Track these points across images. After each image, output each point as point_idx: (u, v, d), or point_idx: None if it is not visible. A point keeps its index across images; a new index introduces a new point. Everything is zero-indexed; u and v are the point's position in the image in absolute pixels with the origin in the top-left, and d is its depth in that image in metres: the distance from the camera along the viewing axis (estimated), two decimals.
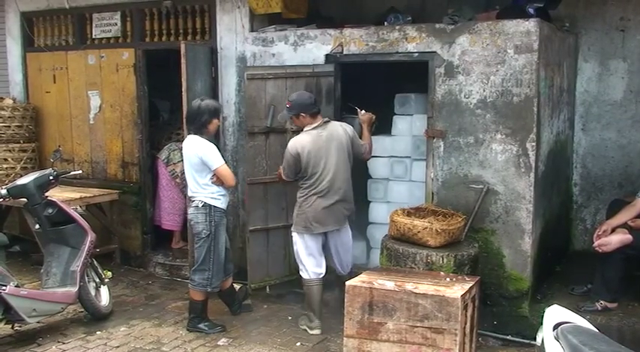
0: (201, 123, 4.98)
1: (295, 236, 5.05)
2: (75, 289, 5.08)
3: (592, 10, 5.93)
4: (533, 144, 4.91)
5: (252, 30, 6.10)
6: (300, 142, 4.96)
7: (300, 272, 5.10)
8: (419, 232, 4.70)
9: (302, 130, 5.05)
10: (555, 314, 3.13)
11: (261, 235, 5.59)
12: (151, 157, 7.06)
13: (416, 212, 5.05)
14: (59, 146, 7.26)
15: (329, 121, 5.05)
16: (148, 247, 6.99)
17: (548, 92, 5.23)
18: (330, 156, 4.93)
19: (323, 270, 5.08)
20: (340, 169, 4.97)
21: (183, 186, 6.82)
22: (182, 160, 6.80)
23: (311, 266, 5.03)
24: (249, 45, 6.04)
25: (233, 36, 6.15)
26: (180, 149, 6.87)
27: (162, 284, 6.42)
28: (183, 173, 6.80)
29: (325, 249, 5.13)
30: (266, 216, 5.57)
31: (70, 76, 7.28)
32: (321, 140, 4.94)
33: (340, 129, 5.03)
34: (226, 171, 4.98)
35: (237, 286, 5.85)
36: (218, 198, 5.01)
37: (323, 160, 4.92)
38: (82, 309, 5.37)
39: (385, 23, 5.60)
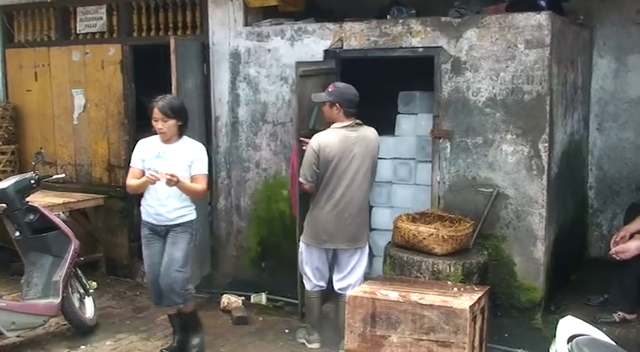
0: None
1: (302, 246, 4.97)
2: (57, 300, 5.06)
3: (607, 2, 5.94)
4: (546, 144, 4.91)
5: (246, 24, 6.11)
6: (323, 137, 4.72)
7: (304, 281, 5.09)
8: (424, 239, 4.70)
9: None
10: (570, 325, 3.13)
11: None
12: None
13: (421, 217, 5.05)
14: (41, 148, 7.24)
15: (361, 124, 4.80)
16: (135, 255, 6.93)
17: (562, 89, 5.23)
18: (353, 160, 4.71)
19: (325, 284, 5.05)
20: (361, 179, 4.74)
21: None
22: None
23: (314, 279, 4.98)
24: (242, 40, 6.04)
25: (226, 30, 6.15)
26: None
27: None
28: None
29: (332, 264, 5.00)
30: None
31: (52, 74, 7.28)
32: (348, 141, 4.71)
33: (372, 135, 4.82)
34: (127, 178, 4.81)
35: (234, 299, 5.85)
36: (141, 209, 4.86)
37: (344, 164, 4.69)
38: (65, 322, 5.36)
39: (388, 16, 5.61)
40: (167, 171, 4.45)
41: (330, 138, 4.73)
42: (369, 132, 4.84)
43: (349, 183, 4.73)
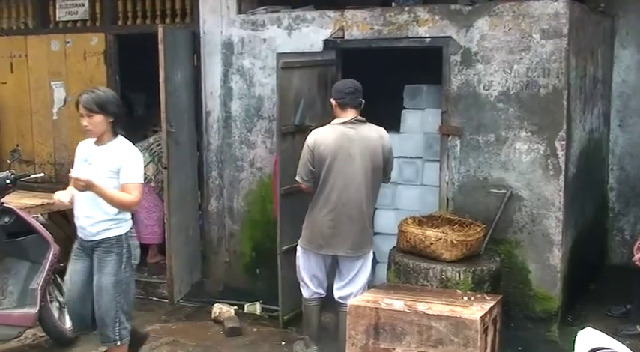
0: None
1: (299, 250, 4.94)
2: (35, 310, 5.05)
3: None
4: (563, 142, 4.91)
5: (239, 12, 6.10)
6: (320, 133, 4.71)
7: (301, 288, 5.08)
8: (432, 244, 4.69)
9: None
10: (589, 338, 3.12)
11: (290, 256, 5.40)
12: None
13: (428, 221, 5.05)
14: (17, 145, 7.24)
15: (364, 121, 4.72)
16: None
17: (580, 83, 5.23)
18: (350, 160, 4.64)
19: (324, 291, 5.02)
20: (360, 181, 4.66)
21: (159, 190, 6.82)
22: (152, 160, 6.84)
23: (312, 286, 4.96)
24: (236, 29, 6.04)
25: (218, 18, 6.15)
26: (148, 148, 6.91)
27: (136, 305, 6.28)
28: (156, 175, 6.83)
29: (333, 271, 4.97)
30: (293, 233, 5.35)
31: (30, 65, 7.26)
32: (345, 139, 4.64)
33: (374, 134, 4.72)
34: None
35: (226, 309, 5.84)
36: None
37: (340, 163, 4.63)
38: (43, 334, 5.34)
39: (393, 4, 5.61)
40: (76, 175, 4.11)
41: (327, 135, 4.70)
42: (372, 130, 4.74)
43: (346, 185, 4.65)
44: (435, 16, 5.24)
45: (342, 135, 4.67)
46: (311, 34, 5.71)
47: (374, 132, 4.75)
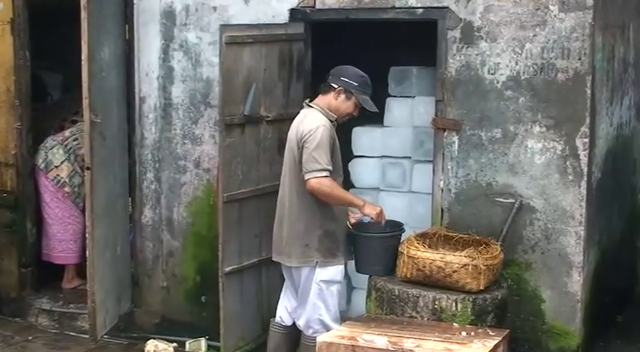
0: None
1: None
2: None
3: None
4: (586, 140, 4.95)
5: None
6: None
7: None
8: (455, 272, 4.60)
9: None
10: None
11: (235, 279, 5.47)
12: (35, 154, 6.98)
13: (423, 240, 4.95)
14: None
15: (309, 105, 4.99)
16: (27, 287, 6.89)
17: (607, 67, 5.27)
18: (286, 150, 5.00)
19: (287, 320, 5.11)
20: (289, 175, 4.96)
21: (76, 197, 6.75)
22: (67, 159, 6.82)
23: (280, 303, 5.21)
24: None
25: None
26: (61, 143, 6.88)
27: (49, 341, 6.34)
28: (72, 177, 6.78)
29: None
30: (240, 250, 5.45)
31: None
32: (291, 127, 4.98)
33: (297, 121, 4.97)
34: None
35: (163, 346, 5.80)
36: None
37: (284, 153, 5.04)
38: None
39: None
40: None
41: None
42: (302, 114, 4.98)
43: (282, 180, 5.02)
44: None
45: (293, 123, 5.00)
46: (274, 2, 5.70)
47: (302, 114, 4.97)
